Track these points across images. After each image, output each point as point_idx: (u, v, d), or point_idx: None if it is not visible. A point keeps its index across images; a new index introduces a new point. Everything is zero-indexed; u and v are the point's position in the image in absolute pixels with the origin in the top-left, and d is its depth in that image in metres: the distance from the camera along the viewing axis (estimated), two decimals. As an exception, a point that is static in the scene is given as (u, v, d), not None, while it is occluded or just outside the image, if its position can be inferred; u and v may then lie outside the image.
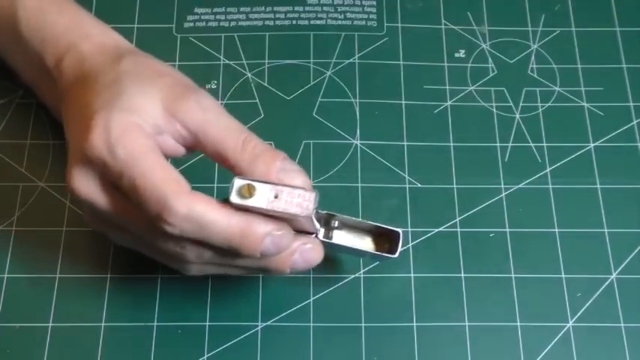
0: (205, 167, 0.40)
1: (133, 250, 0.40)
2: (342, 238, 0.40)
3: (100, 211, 0.37)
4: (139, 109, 0.36)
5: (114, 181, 0.35)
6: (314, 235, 0.39)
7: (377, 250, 0.40)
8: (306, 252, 0.38)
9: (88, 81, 0.38)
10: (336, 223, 0.40)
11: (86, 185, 0.36)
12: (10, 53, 0.44)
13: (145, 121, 0.36)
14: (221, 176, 0.46)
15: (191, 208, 0.34)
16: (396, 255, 0.39)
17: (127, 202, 0.36)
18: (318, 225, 0.39)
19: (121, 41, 0.41)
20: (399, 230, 0.39)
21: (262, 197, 0.34)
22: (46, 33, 0.41)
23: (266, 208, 0.34)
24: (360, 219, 0.40)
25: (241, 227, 0.35)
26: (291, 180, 0.36)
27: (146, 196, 0.34)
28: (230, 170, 0.37)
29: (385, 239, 0.40)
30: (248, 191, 0.34)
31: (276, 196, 0.34)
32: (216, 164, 0.46)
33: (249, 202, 0.34)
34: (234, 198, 0.34)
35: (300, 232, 0.38)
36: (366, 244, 0.40)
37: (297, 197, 0.34)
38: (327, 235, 0.40)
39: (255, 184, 0.34)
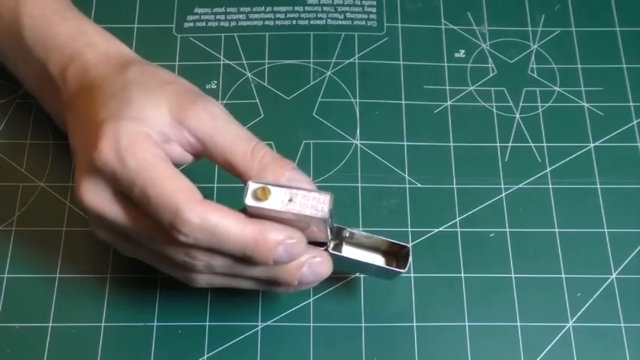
0: (205, 168, 0.40)
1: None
2: (351, 251, 0.40)
3: (109, 222, 0.36)
4: (146, 118, 0.36)
5: (124, 190, 0.35)
6: (324, 248, 0.39)
7: (386, 265, 0.40)
8: (315, 265, 0.38)
9: (94, 90, 0.38)
10: (346, 237, 0.40)
11: (95, 196, 0.36)
12: (13, 62, 0.44)
13: (152, 130, 0.36)
14: (221, 177, 0.46)
15: (204, 218, 0.34)
16: (406, 270, 0.39)
17: (137, 212, 0.35)
18: (330, 234, 0.38)
19: (125, 50, 0.41)
20: (409, 245, 0.39)
21: (277, 200, 0.35)
22: (50, 41, 0.41)
23: (281, 210, 0.34)
24: (369, 233, 0.40)
25: (255, 235, 0.35)
26: None
27: (158, 205, 0.34)
28: (238, 178, 0.37)
29: (393, 256, 0.40)
30: (263, 194, 0.34)
31: (290, 199, 0.35)
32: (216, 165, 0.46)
33: (264, 205, 0.34)
34: (249, 200, 0.35)
35: (311, 243, 0.38)
36: (375, 258, 0.40)
37: (312, 200, 0.35)
38: (337, 249, 0.40)
39: (270, 187, 0.35)
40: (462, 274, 0.44)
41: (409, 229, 0.45)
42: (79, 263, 0.44)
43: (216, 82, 0.49)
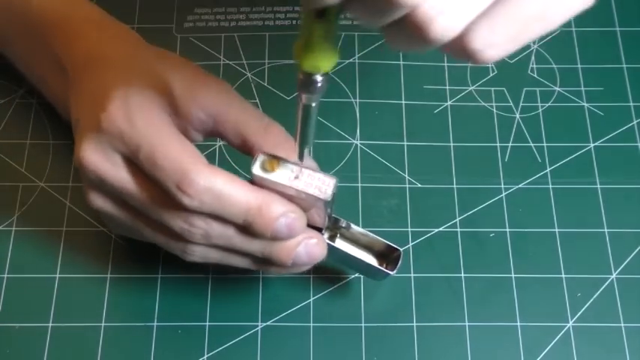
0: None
1: (132, 246, 0.40)
2: (343, 245, 0.40)
3: (108, 185, 0.36)
4: (156, 92, 0.36)
5: (129, 152, 0.35)
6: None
7: (377, 265, 0.40)
8: (311, 246, 0.38)
9: (101, 65, 0.38)
10: (342, 229, 0.40)
11: (97, 156, 0.36)
12: (19, 51, 0.44)
13: (163, 101, 0.36)
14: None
15: (211, 180, 0.34)
16: (394, 272, 0.40)
17: (139, 176, 0.35)
18: (327, 221, 0.39)
19: (131, 32, 0.42)
20: (401, 249, 0.40)
21: (284, 174, 0.35)
22: (58, 22, 0.41)
23: (285, 185, 0.35)
24: (365, 230, 0.40)
25: (259, 203, 0.35)
26: None
27: (165, 166, 0.34)
28: (249, 152, 0.37)
29: (384, 257, 0.41)
30: (271, 165, 0.35)
31: (296, 177, 0.35)
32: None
33: (270, 176, 0.35)
34: (256, 170, 0.35)
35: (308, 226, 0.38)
36: (366, 255, 0.41)
37: (317, 180, 0.35)
38: (331, 240, 0.40)
39: (279, 160, 0.35)
40: (462, 274, 0.44)
41: (409, 229, 0.45)
42: (79, 263, 0.44)
43: (216, 82, 0.49)
